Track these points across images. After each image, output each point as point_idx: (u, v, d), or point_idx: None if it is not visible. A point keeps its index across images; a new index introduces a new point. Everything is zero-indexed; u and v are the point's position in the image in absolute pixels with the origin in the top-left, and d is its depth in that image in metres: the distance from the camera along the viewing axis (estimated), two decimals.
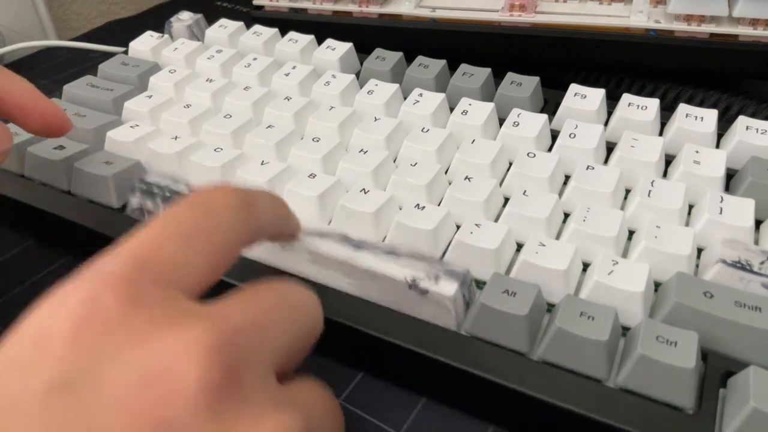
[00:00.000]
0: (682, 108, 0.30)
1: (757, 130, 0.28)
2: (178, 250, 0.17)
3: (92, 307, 0.15)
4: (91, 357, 0.14)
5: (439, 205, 0.27)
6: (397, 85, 0.33)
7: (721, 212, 0.25)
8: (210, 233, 0.18)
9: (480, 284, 0.24)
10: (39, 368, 0.14)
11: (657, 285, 0.24)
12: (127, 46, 0.40)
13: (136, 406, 0.14)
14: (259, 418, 0.15)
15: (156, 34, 0.40)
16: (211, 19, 0.42)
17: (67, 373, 0.14)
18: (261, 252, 0.26)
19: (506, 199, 0.28)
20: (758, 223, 0.26)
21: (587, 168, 0.27)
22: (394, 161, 0.30)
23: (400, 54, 0.36)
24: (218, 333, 0.15)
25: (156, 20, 0.53)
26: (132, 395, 0.14)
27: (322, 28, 0.42)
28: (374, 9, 0.41)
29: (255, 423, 0.15)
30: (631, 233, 0.26)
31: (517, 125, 0.30)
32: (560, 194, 0.28)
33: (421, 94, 0.33)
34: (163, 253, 0.17)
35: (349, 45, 0.37)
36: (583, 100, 0.31)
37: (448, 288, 0.22)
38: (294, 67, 0.36)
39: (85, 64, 0.48)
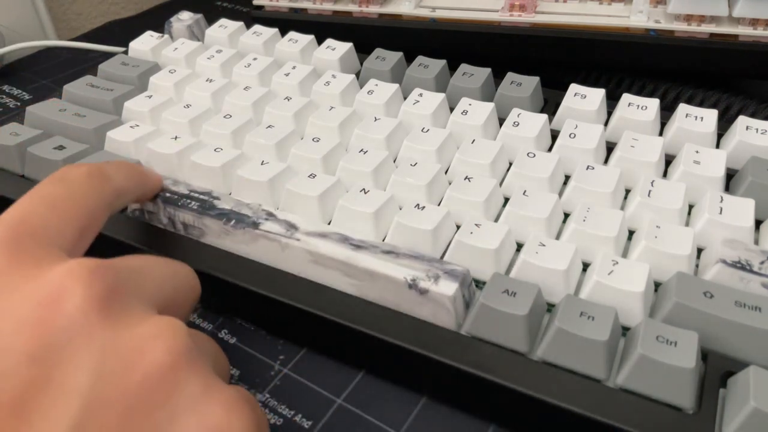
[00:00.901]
0: (682, 108, 0.30)
1: (757, 130, 0.28)
2: (45, 216, 0.20)
3: None
4: None
5: (439, 205, 0.27)
6: (397, 85, 0.33)
7: (721, 212, 0.25)
8: (68, 200, 0.21)
9: (480, 284, 0.24)
10: None
11: (657, 285, 0.24)
12: (127, 46, 0.40)
13: (31, 321, 0.16)
14: (146, 317, 0.18)
15: (156, 34, 0.40)
16: (211, 19, 0.42)
17: None
18: (261, 253, 0.26)
19: (506, 199, 0.28)
20: (758, 223, 0.26)
21: (587, 168, 0.27)
22: (394, 161, 0.30)
23: (400, 54, 0.36)
24: (97, 263, 0.18)
25: (156, 20, 0.53)
26: (27, 315, 0.16)
27: (322, 28, 0.42)
28: (374, 9, 0.41)
29: (143, 320, 0.17)
30: (631, 233, 0.26)
31: (517, 125, 0.30)
32: (560, 194, 0.28)
33: (421, 94, 0.32)
34: (33, 218, 0.20)
35: (349, 45, 0.37)
36: (583, 100, 0.31)
37: (447, 288, 0.22)
38: (294, 67, 0.36)
39: (85, 64, 0.48)
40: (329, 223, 0.27)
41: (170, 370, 0.16)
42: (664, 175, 0.28)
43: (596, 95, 0.31)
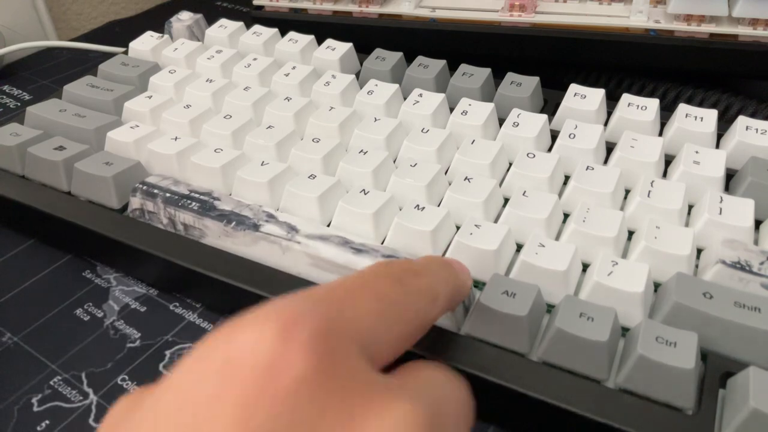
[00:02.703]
0: (682, 108, 0.30)
1: (756, 130, 0.28)
2: (374, 318, 0.15)
3: (284, 372, 0.13)
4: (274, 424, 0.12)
5: (439, 205, 0.27)
6: (397, 86, 0.33)
7: (720, 212, 0.25)
8: (402, 312, 0.16)
9: (480, 285, 0.24)
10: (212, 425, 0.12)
11: (657, 285, 0.24)
12: (127, 46, 0.40)
13: None
14: None
15: (156, 34, 0.40)
16: (211, 19, 0.42)
17: None
18: (261, 255, 0.26)
19: (506, 200, 0.28)
20: (758, 223, 0.26)
21: (587, 168, 0.27)
22: (394, 161, 0.30)
23: (400, 54, 0.36)
24: (422, 411, 0.13)
25: (156, 20, 0.53)
26: None
27: (322, 28, 0.42)
28: (374, 9, 0.41)
29: None
30: (630, 233, 0.26)
31: (517, 125, 0.30)
32: (560, 194, 0.28)
33: (421, 95, 0.32)
34: (361, 315, 0.15)
35: (349, 45, 0.37)
36: (583, 100, 0.31)
37: None
38: (294, 67, 0.36)
39: (85, 64, 0.48)
40: (329, 224, 0.27)
41: None
42: (664, 175, 0.28)
43: (596, 95, 0.31)
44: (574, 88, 0.32)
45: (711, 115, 0.30)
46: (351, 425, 0.12)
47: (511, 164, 0.29)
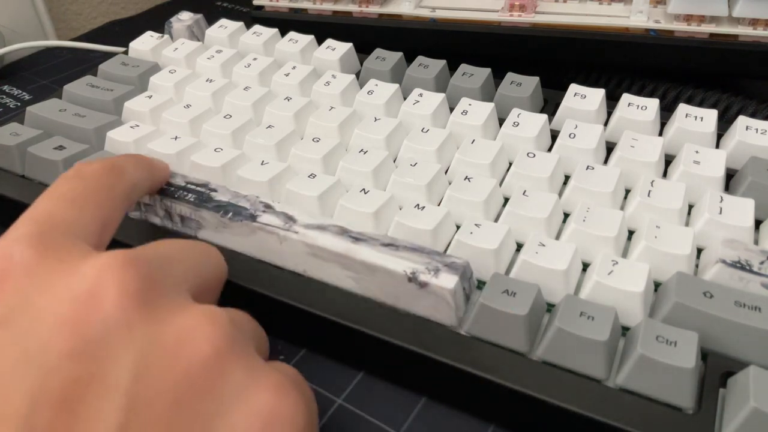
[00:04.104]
0: (682, 108, 0.30)
1: (756, 130, 0.28)
2: (67, 210, 0.20)
3: (9, 261, 0.17)
4: (19, 296, 0.17)
5: (439, 205, 0.27)
6: (397, 85, 0.33)
7: (720, 212, 0.25)
8: (87, 195, 0.21)
9: (480, 284, 0.24)
10: None
11: (657, 285, 0.24)
12: (127, 46, 0.40)
13: (67, 318, 0.16)
14: (185, 307, 0.18)
15: (156, 34, 0.40)
16: (211, 19, 0.42)
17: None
18: (259, 246, 0.26)
19: (506, 199, 0.28)
20: (758, 223, 0.26)
21: (587, 168, 0.27)
22: (394, 161, 0.30)
23: (400, 54, 0.36)
24: (128, 254, 0.18)
25: (156, 20, 0.53)
26: (62, 312, 0.16)
27: (322, 28, 0.42)
28: (374, 9, 0.41)
29: (182, 311, 0.17)
30: (631, 233, 0.26)
31: (517, 125, 0.30)
32: (560, 194, 0.28)
33: (421, 94, 0.33)
34: (56, 214, 0.20)
35: (349, 45, 0.37)
36: (583, 100, 0.31)
37: (448, 281, 0.22)
38: (294, 67, 0.36)
39: (85, 64, 0.48)
40: None
41: (213, 360, 0.16)
42: (664, 175, 0.28)
43: (596, 95, 0.31)
44: (574, 88, 0.32)
45: (711, 115, 0.30)
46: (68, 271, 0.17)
47: (511, 164, 0.29)
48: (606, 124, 0.31)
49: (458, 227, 0.26)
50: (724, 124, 0.30)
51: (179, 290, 0.19)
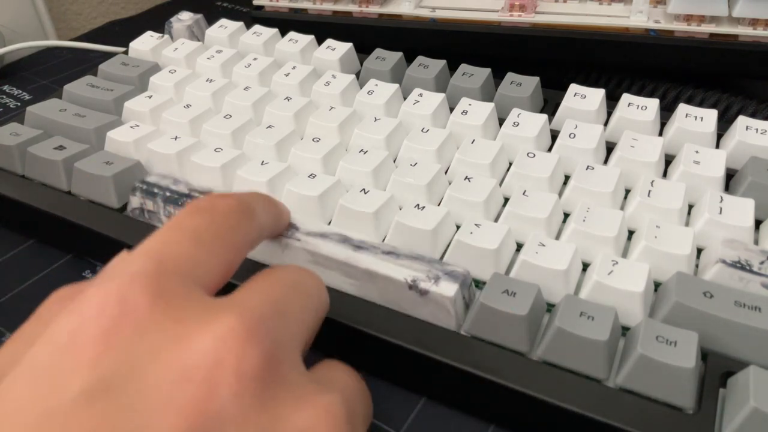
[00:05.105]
0: (682, 108, 0.30)
1: (756, 130, 0.28)
2: (192, 250, 0.18)
3: (122, 307, 0.15)
4: (127, 357, 0.14)
5: (439, 205, 0.27)
6: (397, 85, 0.33)
7: (720, 212, 0.25)
8: (215, 235, 0.19)
9: (480, 284, 0.24)
10: (73, 374, 0.14)
11: (657, 285, 0.24)
12: (127, 46, 0.40)
13: (180, 401, 0.14)
14: (303, 399, 0.16)
15: (156, 34, 0.40)
16: (211, 19, 0.42)
17: (103, 376, 0.14)
18: (261, 253, 0.26)
19: (506, 199, 0.28)
20: (758, 223, 0.26)
21: (587, 168, 0.27)
22: (394, 161, 0.30)
23: (400, 54, 0.36)
24: (248, 321, 0.16)
25: (156, 20, 0.53)
26: (175, 391, 0.14)
27: (322, 28, 0.42)
28: (374, 9, 0.41)
29: (300, 404, 0.16)
30: (631, 233, 0.26)
31: (517, 125, 0.30)
32: (560, 194, 0.28)
33: (421, 94, 0.33)
34: (180, 252, 0.17)
35: (349, 45, 0.37)
36: (583, 100, 0.31)
37: (448, 289, 0.22)
38: (294, 67, 0.36)
39: (85, 64, 0.48)
40: (329, 223, 0.27)
41: None
42: (664, 175, 0.28)
43: (596, 95, 0.31)
44: (574, 88, 0.32)
45: (711, 115, 0.30)
46: (186, 342, 0.15)
47: (511, 164, 0.29)
48: (606, 124, 0.31)
49: (458, 227, 0.26)
50: (724, 124, 0.30)
51: (296, 360, 0.17)
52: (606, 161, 0.29)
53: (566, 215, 0.27)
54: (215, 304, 0.16)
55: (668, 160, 0.29)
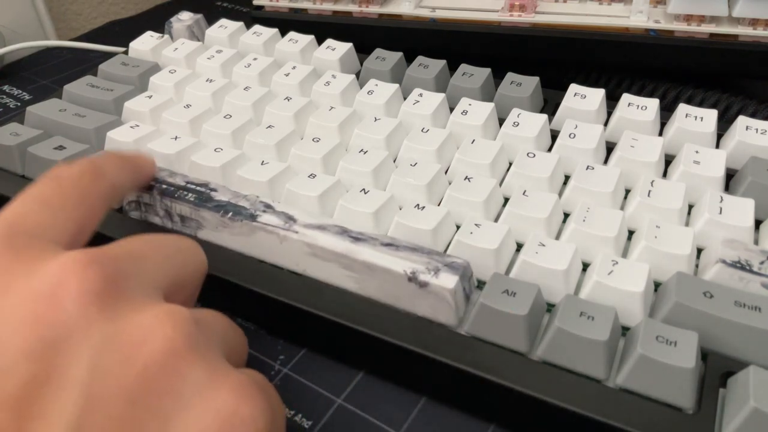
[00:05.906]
0: (682, 108, 0.30)
1: (756, 130, 0.28)
2: (40, 213, 0.20)
3: None
4: None
5: (439, 205, 0.27)
6: (397, 85, 0.33)
7: (720, 212, 0.25)
8: (62, 197, 0.21)
9: (480, 284, 0.24)
10: None
11: (657, 285, 0.24)
12: (127, 46, 0.40)
13: (29, 317, 0.16)
14: (147, 307, 0.17)
15: (156, 35, 0.40)
16: (211, 19, 0.42)
17: None
18: (259, 246, 0.26)
19: (506, 199, 0.28)
20: (758, 223, 0.26)
21: (587, 168, 0.27)
22: (394, 161, 0.30)
23: (400, 54, 0.36)
24: (92, 254, 0.18)
25: (156, 20, 0.53)
26: (24, 311, 0.16)
27: (322, 28, 0.42)
28: (374, 9, 0.41)
29: (143, 310, 0.17)
30: (631, 233, 0.26)
31: (517, 125, 0.30)
32: (560, 194, 0.28)
33: (421, 94, 0.33)
34: (27, 216, 0.20)
35: (349, 45, 0.37)
36: (583, 100, 0.31)
37: (448, 281, 0.22)
38: (294, 67, 0.36)
39: (85, 64, 0.48)
40: None
41: (171, 359, 0.16)
42: (664, 175, 0.28)
43: (596, 95, 0.31)
44: (574, 88, 0.32)
45: (711, 115, 0.30)
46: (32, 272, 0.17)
47: (511, 164, 0.29)
48: (606, 124, 0.31)
49: (458, 227, 0.26)
50: (724, 124, 0.30)
51: (147, 289, 0.18)
52: (606, 161, 0.29)
53: (566, 215, 0.27)
54: (67, 251, 0.18)
55: (668, 160, 0.29)
